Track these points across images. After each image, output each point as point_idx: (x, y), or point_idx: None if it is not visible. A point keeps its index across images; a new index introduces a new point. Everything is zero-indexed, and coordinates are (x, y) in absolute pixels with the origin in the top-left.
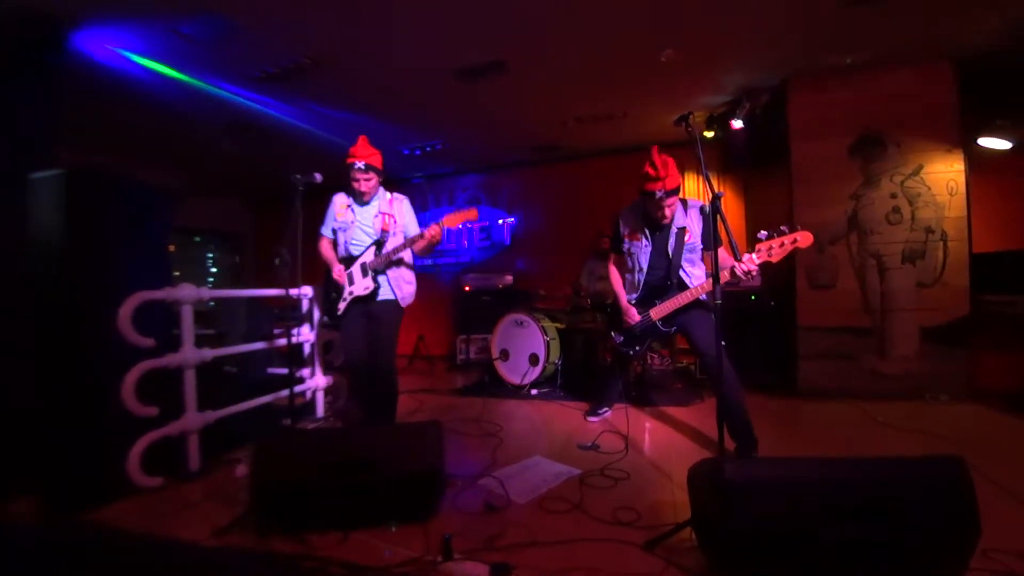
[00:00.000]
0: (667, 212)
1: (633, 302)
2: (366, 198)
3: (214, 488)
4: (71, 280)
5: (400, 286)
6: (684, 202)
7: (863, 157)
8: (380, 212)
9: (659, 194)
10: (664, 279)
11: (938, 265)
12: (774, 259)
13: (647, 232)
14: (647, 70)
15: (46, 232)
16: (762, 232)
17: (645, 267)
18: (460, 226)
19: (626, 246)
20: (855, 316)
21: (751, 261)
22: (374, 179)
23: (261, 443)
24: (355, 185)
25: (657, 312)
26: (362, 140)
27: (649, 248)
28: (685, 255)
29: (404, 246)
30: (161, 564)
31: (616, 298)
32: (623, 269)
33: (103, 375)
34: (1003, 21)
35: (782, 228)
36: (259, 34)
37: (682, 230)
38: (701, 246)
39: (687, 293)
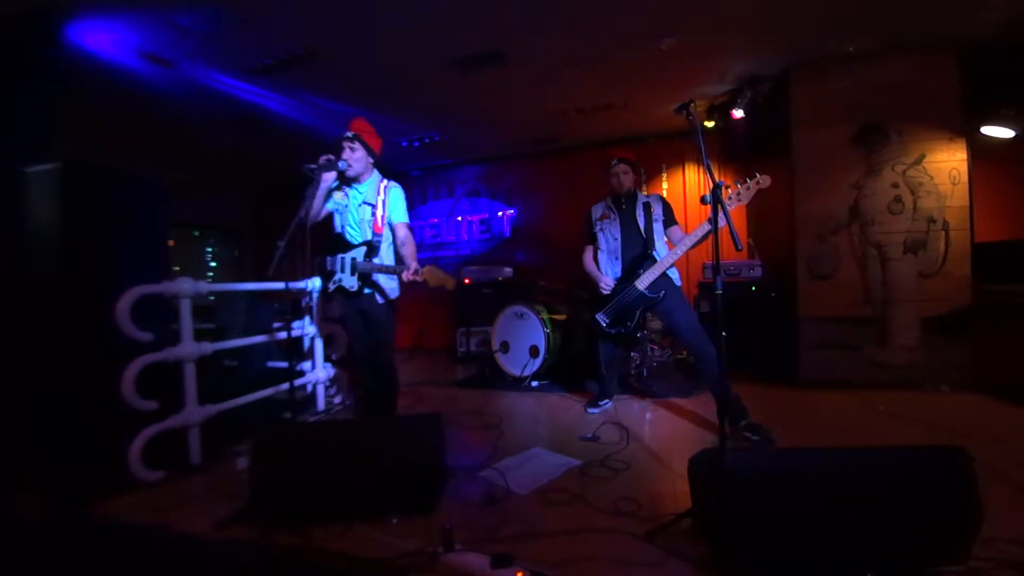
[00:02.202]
0: (622, 180)
1: (619, 277)
2: (350, 172)
3: (215, 481)
4: (68, 274)
5: (379, 281)
6: (647, 196)
7: (865, 146)
8: (364, 202)
9: (612, 161)
10: (643, 248)
11: (940, 255)
12: (744, 201)
13: (614, 208)
14: (647, 59)
15: (42, 226)
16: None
17: (619, 236)
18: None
19: (598, 228)
20: (856, 306)
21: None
22: (360, 151)
23: (260, 436)
24: (342, 155)
25: (642, 281)
26: (361, 118)
27: (618, 220)
28: (654, 225)
29: (390, 270)
30: (162, 557)
31: (594, 281)
32: (599, 251)
33: (103, 370)
34: (1009, 8)
35: (744, 178)
36: (256, 25)
37: (647, 204)
38: (663, 218)
39: (667, 258)
